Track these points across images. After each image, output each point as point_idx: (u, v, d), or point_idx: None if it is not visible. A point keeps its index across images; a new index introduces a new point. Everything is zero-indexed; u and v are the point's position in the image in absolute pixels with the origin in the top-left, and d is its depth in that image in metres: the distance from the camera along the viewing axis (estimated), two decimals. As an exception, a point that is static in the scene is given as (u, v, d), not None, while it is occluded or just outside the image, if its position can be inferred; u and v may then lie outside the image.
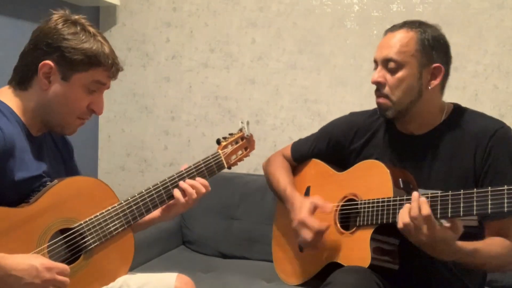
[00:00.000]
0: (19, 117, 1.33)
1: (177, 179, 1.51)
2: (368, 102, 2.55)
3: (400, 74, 1.50)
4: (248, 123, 1.72)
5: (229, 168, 1.64)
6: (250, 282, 2.19)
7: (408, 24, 1.53)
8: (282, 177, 1.78)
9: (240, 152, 1.68)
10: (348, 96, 2.59)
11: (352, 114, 1.77)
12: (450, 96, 1.55)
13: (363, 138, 1.67)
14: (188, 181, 1.51)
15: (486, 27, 2.39)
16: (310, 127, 2.64)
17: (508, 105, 2.39)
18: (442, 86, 1.56)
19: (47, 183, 1.33)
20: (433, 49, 1.51)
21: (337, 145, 1.72)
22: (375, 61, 1.57)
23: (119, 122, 2.98)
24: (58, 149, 1.49)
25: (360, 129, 1.68)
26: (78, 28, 1.32)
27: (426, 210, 1.26)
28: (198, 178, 1.53)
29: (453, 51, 2.40)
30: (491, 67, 2.40)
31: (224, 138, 1.66)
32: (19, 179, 1.27)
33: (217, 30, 2.77)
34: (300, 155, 1.83)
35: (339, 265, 1.53)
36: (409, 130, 1.58)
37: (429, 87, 1.51)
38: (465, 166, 1.48)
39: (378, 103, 1.57)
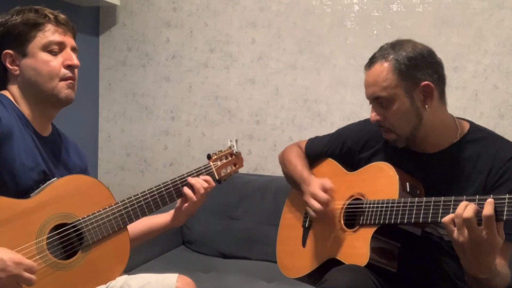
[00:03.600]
0: (21, 112, 1.40)
1: (170, 185, 1.56)
2: (367, 102, 2.55)
3: (393, 107, 1.49)
4: (236, 141, 1.80)
5: (219, 182, 1.69)
6: (250, 282, 2.19)
7: (380, 55, 1.50)
8: (300, 164, 1.81)
9: (229, 168, 1.75)
10: (348, 96, 2.60)
11: (367, 122, 1.75)
12: (450, 96, 1.54)
13: (373, 148, 1.66)
14: (192, 178, 1.58)
15: (486, 27, 2.39)
16: (310, 127, 2.65)
17: (508, 105, 2.40)
18: (440, 98, 1.52)
19: (47, 180, 1.37)
20: (414, 70, 1.47)
21: (349, 151, 1.73)
22: (368, 99, 1.56)
23: (119, 122, 2.98)
24: (68, 153, 1.53)
25: (371, 139, 1.68)
26: (14, 12, 1.42)
27: (467, 213, 1.23)
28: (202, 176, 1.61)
29: (453, 51, 2.42)
30: (491, 67, 2.40)
31: (214, 153, 1.73)
32: (17, 165, 1.31)
33: (217, 30, 2.77)
34: (314, 154, 1.84)
35: (339, 262, 1.54)
36: (422, 149, 1.56)
37: (426, 107, 1.49)
38: (476, 187, 1.46)
39: (386, 138, 1.57)
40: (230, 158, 1.75)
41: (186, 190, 1.56)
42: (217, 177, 1.67)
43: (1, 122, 1.29)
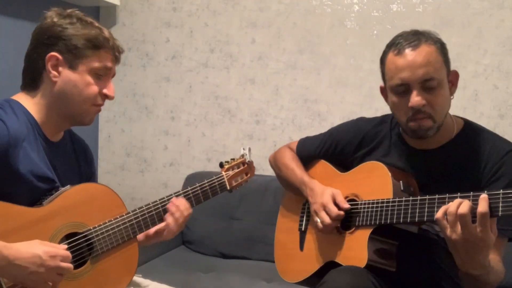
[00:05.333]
0: (33, 117, 1.35)
1: (182, 195, 1.54)
2: (368, 102, 2.57)
3: (441, 91, 1.44)
4: (249, 150, 1.77)
5: (230, 191, 1.68)
6: (250, 282, 2.19)
7: (424, 38, 1.45)
8: (297, 167, 1.79)
9: (240, 177, 1.72)
10: (348, 96, 2.60)
11: (360, 120, 1.74)
12: (450, 96, 1.55)
13: (368, 147, 1.65)
14: (173, 204, 1.50)
15: (486, 27, 2.39)
16: (310, 127, 2.65)
17: (508, 105, 2.40)
18: None
19: (59, 188, 1.35)
20: (447, 56, 1.49)
21: (342, 151, 1.72)
22: (404, 84, 1.44)
23: (119, 122, 2.98)
24: (77, 159, 1.52)
25: (366, 138, 1.66)
26: (74, 19, 1.39)
27: (462, 209, 1.23)
28: (180, 200, 1.52)
29: (453, 51, 2.40)
30: (491, 67, 2.40)
31: (227, 162, 1.70)
32: (25, 175, 1.28)
33: (217, 30, 2.77)
34: (306, 155, 1.83)
35: (337, 265, 1.54)
36: (420, 145, 1.54)
37: (452, 96, 1.49)
38: (472, 182, 1.45)
39: (419, 126, 1.46)
40: (242, 167, 1.72)
41: (168, 216, 1.48)
42: (228, 187, 1.66)
43: (9, 131, 1.25)
